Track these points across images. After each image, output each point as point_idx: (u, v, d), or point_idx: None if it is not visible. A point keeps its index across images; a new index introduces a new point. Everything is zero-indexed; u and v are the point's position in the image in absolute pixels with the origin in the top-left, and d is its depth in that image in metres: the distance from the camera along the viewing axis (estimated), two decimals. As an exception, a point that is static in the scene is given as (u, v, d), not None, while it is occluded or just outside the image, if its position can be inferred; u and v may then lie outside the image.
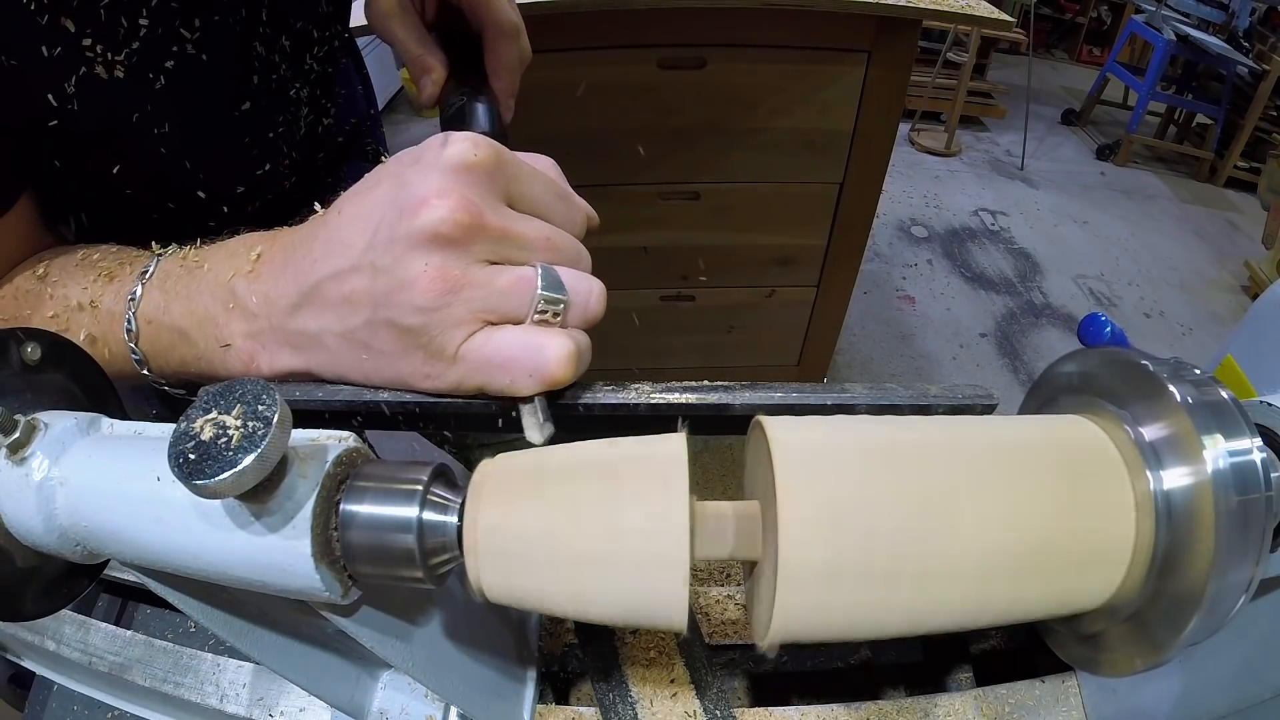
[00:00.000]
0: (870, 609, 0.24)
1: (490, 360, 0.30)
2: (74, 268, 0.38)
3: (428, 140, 0.32)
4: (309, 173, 0.56)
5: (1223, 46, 3.24)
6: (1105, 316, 0.53)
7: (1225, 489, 0.23)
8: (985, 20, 1.30)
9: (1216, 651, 0.33)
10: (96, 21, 0.38)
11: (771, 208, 1.45)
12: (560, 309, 0.31)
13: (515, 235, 0.31)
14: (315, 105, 0.54)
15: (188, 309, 0.34)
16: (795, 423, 0.26)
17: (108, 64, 0.39)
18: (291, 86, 0.51)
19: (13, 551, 0.26)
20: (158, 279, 0.35)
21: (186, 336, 0.34)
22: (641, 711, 0.38)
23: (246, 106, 0.47)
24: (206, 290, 0.34)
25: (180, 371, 0.35)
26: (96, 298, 0.36)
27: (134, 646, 0.44)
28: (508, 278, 0.30)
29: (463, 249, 0.29)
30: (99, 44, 0.38)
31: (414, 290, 0.29)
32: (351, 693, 0.37)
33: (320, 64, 0.53)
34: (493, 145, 0.31)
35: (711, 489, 0.27)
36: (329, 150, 0.58)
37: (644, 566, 0.23)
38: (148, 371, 0.36)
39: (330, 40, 0.53)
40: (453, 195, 0.29)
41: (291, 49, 0.49)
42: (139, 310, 0.35)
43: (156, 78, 0.42)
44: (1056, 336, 2.43)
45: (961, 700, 0.39)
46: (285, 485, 0.23)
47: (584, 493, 0.24)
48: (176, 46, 0.42)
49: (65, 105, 0.38)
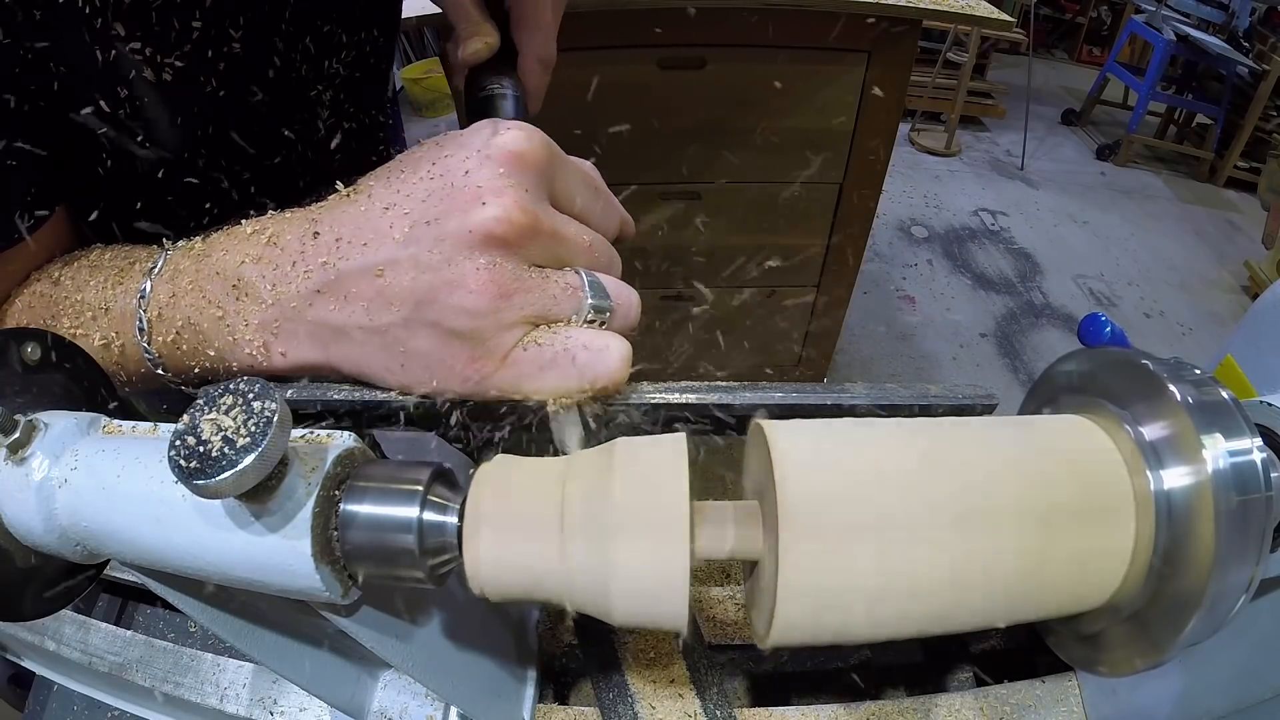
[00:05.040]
0: (869, 610, 0.24)
1: (541, 364, 0.29)
2: (86, 270, 0.37)
3: (473, 126, 0.31)
4: (324, 172, 0.55)
5: (1223, 46, 3.24)
6: (1105, 316, 0.53)
7: (1225, 489, 0.23)
8: (985, 20, 1.30)
9: (1216, 651, 0.33)
10: (148, 25, 0.37)
11: (771, 208, 1.45)
12: (606, 316, 0.30)
13: (563, 237, 0.30)
14: (337, 108, 0.53)
15: (197, 300, 0.32)
16: (795, 424, 0.26)
17: (157, 67, 0.38)
18: (312, 88, 0.50)
19: (13, 551, 0.26)
20: (167, 273, 0.33)
21: (198, 330, 0.32)
22: (641, 711, 0.38)
23: (259, 98, 0.46)
24: (215, 279, 0.32)
25: (196, 368, 0.34)
26: (108, 299, 0.35)
27: (134, 646, 0.44)
28: (558, 284, 0.30)
29: (516, 252, 0.28)
30: (149, 47, 0.37)
31: (464, 292, 0.27)
32: (351, 693, 0.37)
33: (347, 69, 0.52)
34: (544, 137, 0.30)
35: (711, 489, 0.27)
36: (347, 152, 0.57)
37: (644, 567, 0.23)
38: (163, 371, 0.34)
39: (360, 45, 0.52)
40: (509, 193, 0.28)
41: (315, 51, 0.49)
42: (149, 307, 0.33)
43: (207, 80, 0.41)
44: (1056, 336, 2.43)
45: (961, 700, 0.39)
46: (285, 485, 0.23)
47: (583, 493, 0.24)
48: (226, 47, 0.42)
49: (117, 110, 0.38)
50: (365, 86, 0.56)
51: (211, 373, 0.33)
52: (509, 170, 0.28)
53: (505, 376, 0.29)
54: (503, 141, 0.29)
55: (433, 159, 0.30)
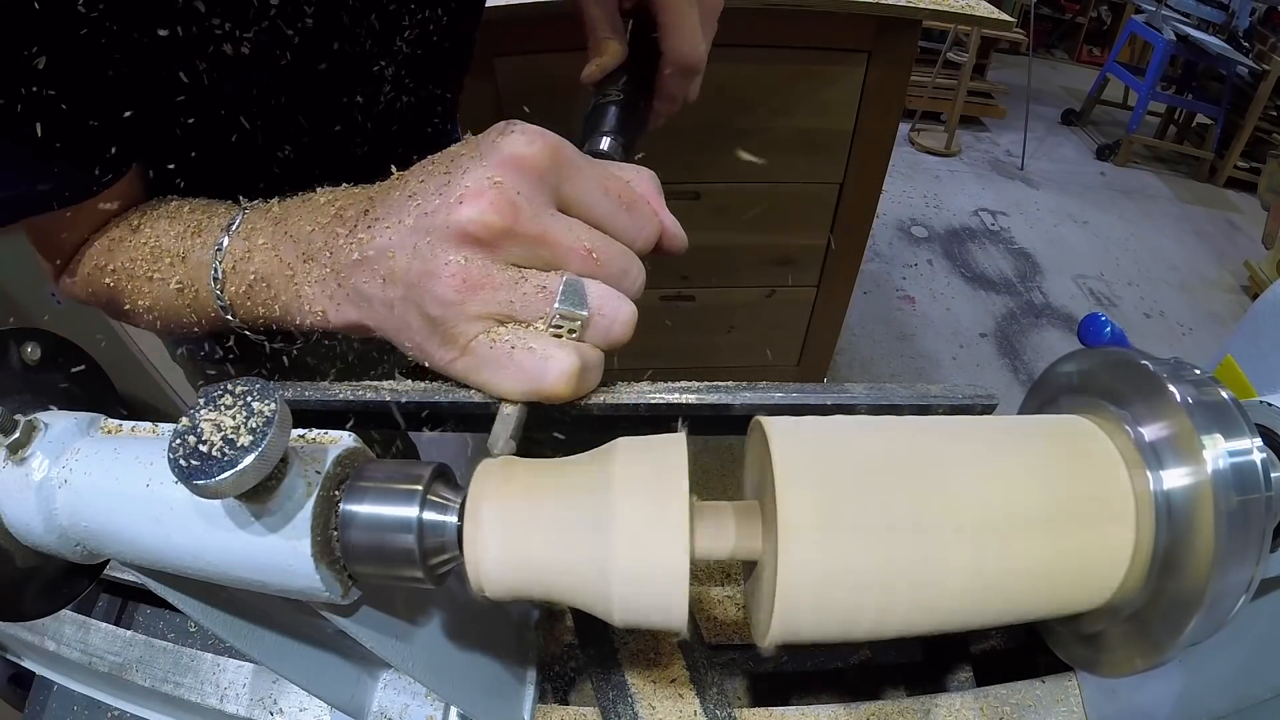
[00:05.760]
0: (870, 609, 0.24)
1: (493, 359, 0.31)
2: (165, 220, 0.40)
3: (494, 125, 0.32)
4: (384, 144, 0.57)
5: (1223, 46, 3.24)
6: (1105, 316, 0.53)
7: (1225, 489, 0.23)
8: (985, 20, 1.30)
9: (1216, 651, 0.33)
10: (227, 1, 0.39)
11: (771, 208, 1.45)
12: (576, 326, 0.31)
13: (551, 241, 0.31)
14: (399, 84, 0.55)
15: (270, 258, 0.35)
16: (795, 423, 0.26)
17: (235, 41, 0.40)
18: (376, 63, 0.51)
19: (13, 551, 0.26)
20: (244, 230, 0.37)
21: (268, 284, 0.36)
22: (641, 711, 0.38)
23: (323, 68, 0.47)
24: (288, 240, 0.35)
25: (262, 318, 0.37)
26: (186, 249, 0.38)
27: (134, 646, 0.44)
28: (529, 285, 0.31)
29: (490, 250, 0.30)
30: (227, 22, 0.40)
31: (438, 282, 0.30)
32: (351, 693, 0.37)
33: (410, 46, 0.53)
34: (550, 140, 0.31)
35: (711, 489, 0.27)
36: (404, 124, 0.58)
37: (644, 567, 0.23)
38: (231, 317, 0.38)
39: (425, 24, 0.53)
40: (491, 194, 0.29)
41: (381, 27, 0.50)
42: (225, 259, 0.37)
43: (283, 53, 0.43)
44: (1056, 336, 2.43)
45: (961, 700, 0.39)
46: (285, 485, 0.23)
47: (584, 493, 0.24)
48: (300, 23, 0.43)
49: (197, 82, 0.40)
50: (429, 64, 0.57)
51: (277, 321, 0.37)
52: (502, 173, 0.30)
53: (464, 364, 0.32)
54: (503, 144, 0.30)
55: (453, 155, 0.32)
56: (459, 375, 0.32)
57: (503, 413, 0.31)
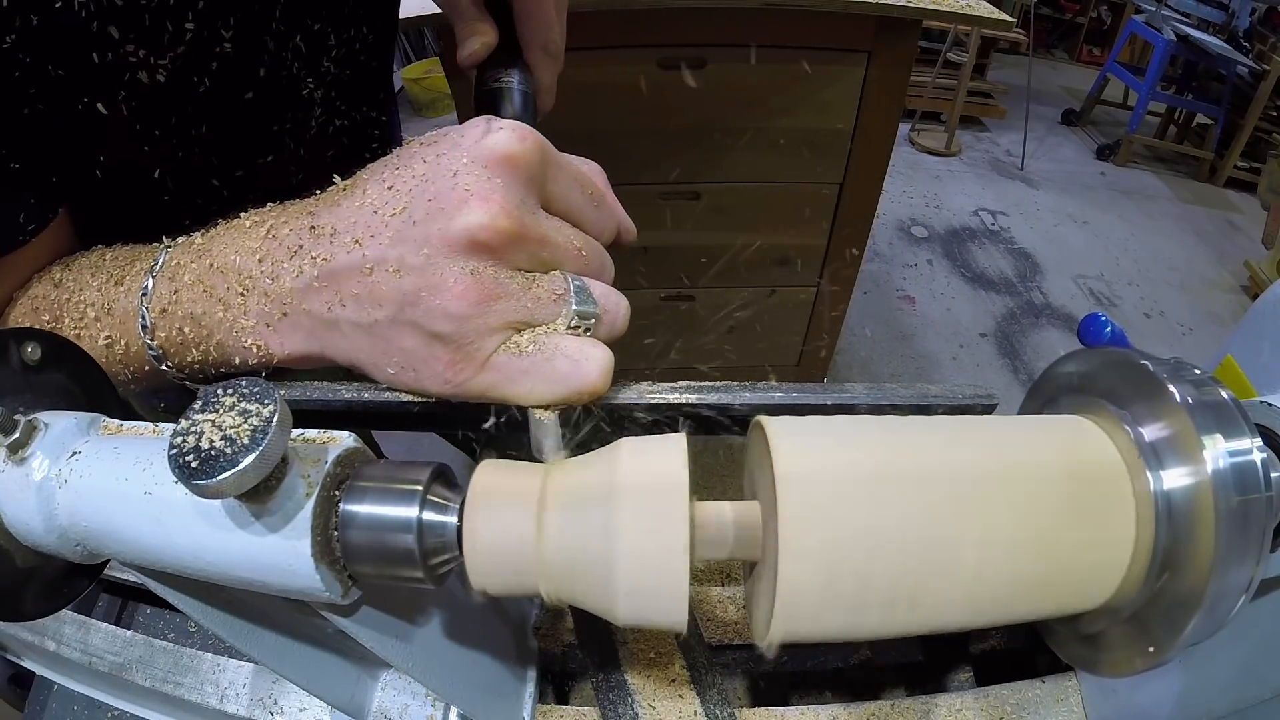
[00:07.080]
0: (870, 610, 0.24)
1: (522, 369, 0.29)
2: (88, 272, 0.37)
3: (468, 122, 0.30)
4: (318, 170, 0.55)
5: (1223, 46, 3.24)
6: (1105, 316, 0.53)
7: (1225, 489, 0.23)
8: (985, 20, 1.30)
9: (1216, 651, 0.33)
10: (140, 26, 0.37)
11: (771, 208, 1.45)
12: (591, 323, 0.30)
13: (551, 243, 0.30)
14: (330, 107, 0.53)
15: (199, 295, 0.33)
16: (795, 423, 0.26)
17: (150, 69, 0.38)
18: (304, 86, 0.50)
19: (13, 551, 0.26)
20: (168, 270, 0.34)
21: (201, 324, 0.33)
22: (641, 711, 0.38)
23: (250, 96, 0.46)
24: (217, 273, 0.32)
25: (199, 362, 0.34)
26: (110, 299, 0.35)
27: (134, 646, 0.44)
28: (543, 289, 0.30)
29: (501, 257, 0.28)
30: (141, 49, 0.37)
31: (445, 296, 0.28)
32: (351, 693, 0.37)
33: (339, 67, 0.52)
34: (537, 138, 0.30)
35: (711, 489, 0.27)
36: (340, 149, 0.57)
37: (644, 566, 0.23)
38: (166, 367, 0.35)
39: (351, 44, 0.52)
40: (495, 197, 0.28)
41: (306, 49, 0.49)
42: (152, 305, 0.34)
43: (200, 80, 0.41)
44: (1056, 336, 2.43)
45: (961, 700, 0.39)
46: (285, 485, 0.23)
47: (585, 492, 0.24)
48: (218, 48, 0.41)
49: (115, 113, 0.38)
50: (358, 84, 0.55)
51: (215, 364, 0.34)
52: (498, 173, 0.28)
53: (485, 380, 0.29)
54: (493, 142, 0.29)
55: (424, 157, 0.30)
56: (475, 394, 0.30)
57: (541, 421, 0.30)
